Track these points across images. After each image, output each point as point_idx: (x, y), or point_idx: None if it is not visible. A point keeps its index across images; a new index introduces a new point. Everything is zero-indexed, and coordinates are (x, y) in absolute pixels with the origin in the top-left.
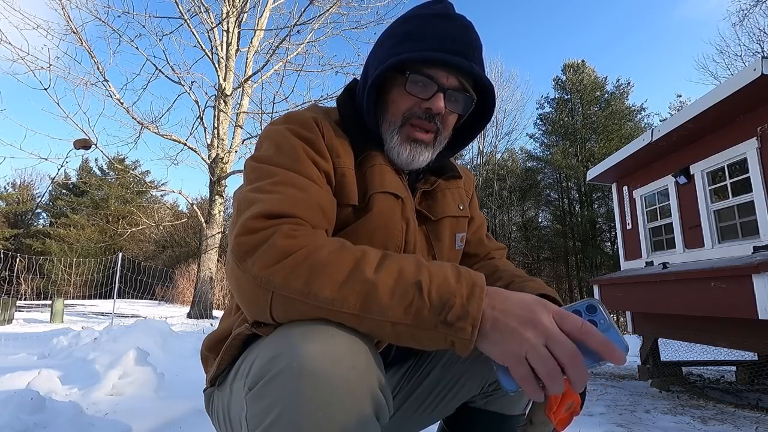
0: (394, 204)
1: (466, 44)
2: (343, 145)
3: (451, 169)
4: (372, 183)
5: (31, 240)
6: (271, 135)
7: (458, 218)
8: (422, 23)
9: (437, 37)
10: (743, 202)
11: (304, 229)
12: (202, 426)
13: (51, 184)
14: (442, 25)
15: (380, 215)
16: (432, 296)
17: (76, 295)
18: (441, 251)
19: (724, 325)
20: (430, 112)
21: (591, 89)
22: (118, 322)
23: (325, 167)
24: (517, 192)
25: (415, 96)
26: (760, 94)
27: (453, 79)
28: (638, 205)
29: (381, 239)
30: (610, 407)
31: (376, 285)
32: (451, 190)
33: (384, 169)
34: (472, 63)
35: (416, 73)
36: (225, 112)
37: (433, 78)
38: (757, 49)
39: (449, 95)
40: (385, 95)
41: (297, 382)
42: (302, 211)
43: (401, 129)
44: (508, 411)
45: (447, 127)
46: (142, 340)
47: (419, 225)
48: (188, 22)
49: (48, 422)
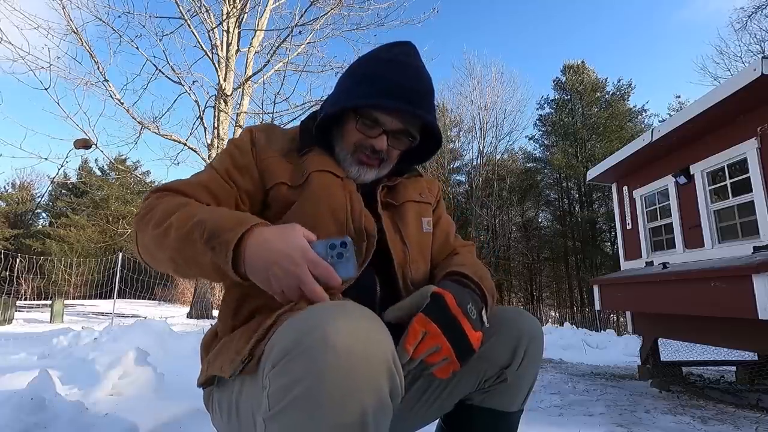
0: (334, 180)
1: (414, 92)
2: (279, 142)
3: (413, 171)
4: (310, 165)
5: (31, 240)
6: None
7: (420, 203)
8: (379, 68)
9: (388, 84)
10: (743, 202)
11: (172, 195)
12: (202, 426)
13: (51, 184)
14: (396, 72)
15: (320, 188)
16: (207, 228)
17: (76, 295)
18: (408, 232)
19: (724, 325)
20: (374, 149)
21: (591, 90)
22: (118, 322)
23: (243, 162)
24: (517, 192)
25: (363, 134)
26: (760, 94)
27: (397, 123)
28: (638, 205)
29: (326, 208)
30: (610, 407)
31: (177, 221)
32: (412, 184)
33: (324, 158)
34: (416, 109)
35: (365, 117)
36: (225, 112)
37: (379, 122)
38: (758, 50)
39: (392, 136)
40: (342, 124)
41: (323, 354)
42: (180, 186)
43: (353, 154)
44: (506, 408)
45: (391, 158)
46: (142, 340)
47: (386, 211)
48: (188, 22)
49: (48, 422)
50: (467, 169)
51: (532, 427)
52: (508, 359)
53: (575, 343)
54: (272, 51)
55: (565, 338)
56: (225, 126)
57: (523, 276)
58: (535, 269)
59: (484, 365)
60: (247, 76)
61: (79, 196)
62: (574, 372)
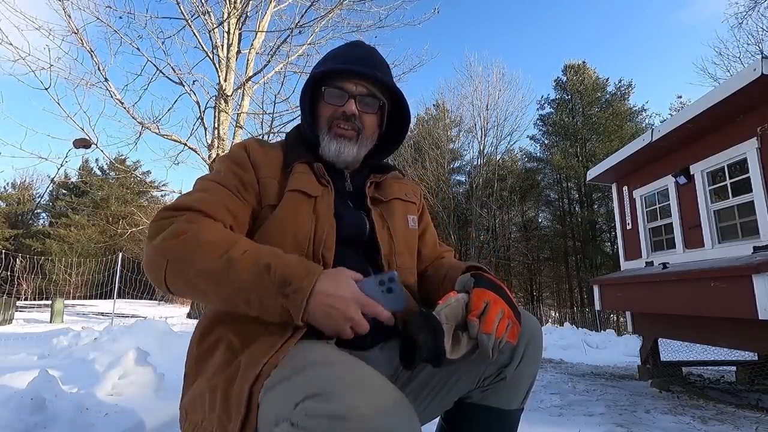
0: (303, 200)
1: (369, 60)
2: (270, 162)
3: (396, 170)
4: (289, 185)
5: (31, 240)
6: (217, 160)
7: (406, 202)
8: (335, 51)
9: (345, 57)
10: (743, 202)
11: (201, 217)
12: None
13: (51, 184)
14: (350, 50)
15: (287, 213)
16: (276, 274)
17: (76, 295)
18: (395, 227)
19: (724, 325)
20: (346, 115)
21: (592, 90)
22: (118, 322)
23: (248, 178)
24: (518, 192)
25: (333, 105)
26: (760, 94)
27: (361, 87)
28: (638, 205)
29: (290, 235)
30: (610, 407)
31: (239, 262)
32: (398, 183)
33: (302, 176)
34: (374, 71)
35: (330, 87)
36: (226, 113)
37: (343, 88)
38: (756, 51)
39: (359, 99)
40: (316, 113)
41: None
42: (204, 206)
43: (329, 131)
44: (506, 406)
45: (367, 127)
46: (142, 340)
47: (374, 206)
48: (189, 22)
49: (48, 422)
50: (467, 169)
51: (532, 427)
52: (507, 358)
53: (575, 343)
54: (272, 52)
55: (565, 338)
56: (225, 126)
57: (523, 276)
58: (535, 269)
59: (482, 363)
60: (248, 77)
61: (79, 196)
62: (574, 372)
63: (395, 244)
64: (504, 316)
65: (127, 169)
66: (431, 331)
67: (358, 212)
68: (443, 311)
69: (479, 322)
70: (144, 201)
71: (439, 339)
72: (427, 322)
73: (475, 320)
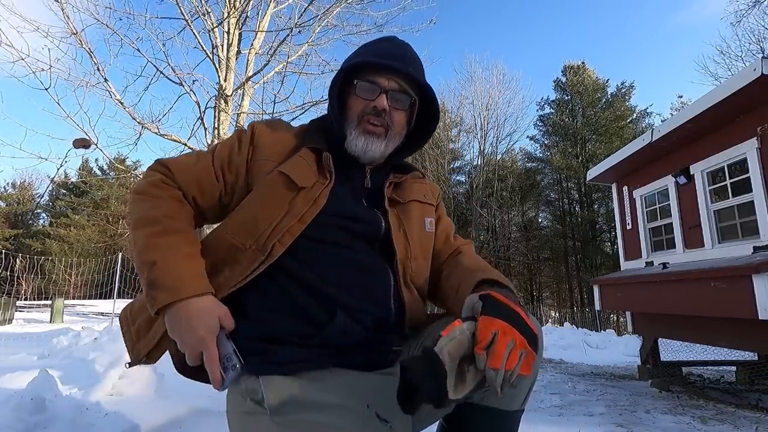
0: (283, 186)
1: (402, 55)
2: (276, 144)
3: (417, 170)
4: (280, 167)
5: (31, 240)
6: (232, 132)
7: (424, 204)
8: (368, 45)
9: (377, 51)
10: (743, 202)
11: (166, 186)
12: (202, 426)
13: (50, 184)
14: (383, 44)
15: (259, 189)
16: (152, 273)
17: (76, 295)
18: (411, 231)
19: (724, 325)
20: (377, 110)
21: (592, 91)
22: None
23: (237, 159)
24: (518, 192)
25: (364, 98)
26: (760, 94)
27: (393, 83)
28: (638, 205)
29: (254, 212)
30: (610, 407)
31: (141, 244)
32: (417, 184)
33: (300, 161)
34: (407, 67)
35: (362, 80)
36: (226, 112)
37: (376, 82)
38: (758, 49)
39: (391, 95)
40: (345, 105)
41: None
42: (179, 174)
43: (358, 126)
44: (506, 407)
45: (396, 123)
46: None
47: (392, 208)
48: (189, 23)
49: (48, 422)
50: (468, 169)
51: (533, 427)
52: None
53: (575, 343)
54: (272, 52)
55: (565, 338)
56: (225, 126)
57: (523, 276)
58: (535, 269)
59: None
60: (248, 77)
61: (79, 196)
62: (574, 372)
63: (411, 248)
64: (516, 346)
65: (127, 169)
66: (433, 375)
67: (373, 210)
68: (446, 348)
69: (486, 355)
70: None
71: (441, 382)
72: (428, 365)
73: (482, 353)
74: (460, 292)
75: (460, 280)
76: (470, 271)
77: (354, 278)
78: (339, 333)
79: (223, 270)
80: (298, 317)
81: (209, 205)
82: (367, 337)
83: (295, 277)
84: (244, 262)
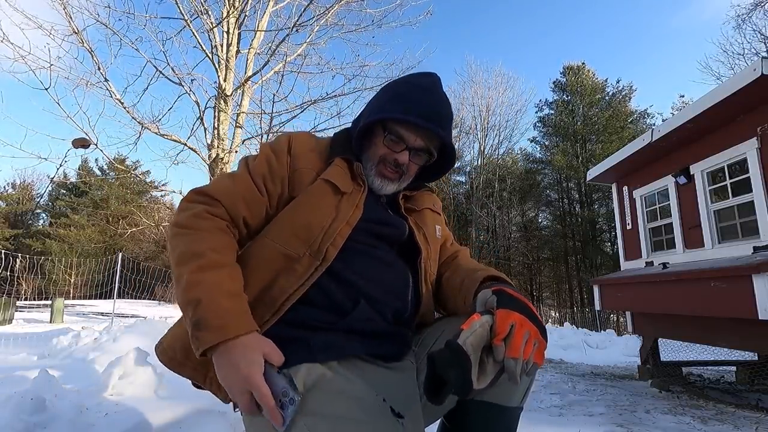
0: (330, 192)
1: (436, 114)
2: (312, 154)
3: (425, 186)
4: (323, 175)
5: (31, 240)
6: (260, 146)
7: (434, 212)
8: (410, 90)
9: (416, 104)
10: (743, 202)
11: (210, 217)
12: (202, 426)
13: (50, 184)
14: (423, 96)
15: (310, 199)
16: (197, 312)
17: (76, 295)
18: (427, 235)
19: (724, 325)
20: (396, 162)
21: (591, 91)
22: (118, 322)
23: (278, 169)
24: (518, 193)
25: (389, 148)
26: (760, 94)
27: (420, 141)
28: (638, 205)
29: (306, 217)
30: (610, 407)
31: (185, 282)
32: (426, 196)
33: (338, 170)
34: (439, 129)
35: (392, 132)
36: (225, 112)
37: (404, 138)
38: (762, 48)
39: (413, 153)
40: (371, 136)
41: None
42: (223, 198)
43: (376, 166)
44: (505, 402)
45: (411, 171)
46: (142, 340)
47: (409, 214)
48: (188, 22)
49: (48, 422)
50: (468, 170)
51: (533, 426)
52: None
53: (575, 343)
54: (271, 52)
55: (565, 338)
56: (225, 126)
57: (523, 276)
58: (535, 269)
59: None
60: (247, 76)
61: (79, 196)
62: (574, 372)
63: (430, 250)
64: (530, 337)
65: (127, 169)
66: (460, 366)
67: (397, 215)
68: (469, 340)
69: (505, 346)
70: (144, 201)
71: (467, 372)
72: (454, 356)
73: (501, 345)
74: (463, 289)
75: (463, 279)
76: (472, 271)
77: (379, 272)
78: (363, 320)
79: (278, 280)
80: (325, 306)
81: (258, 222)
82: (387, 329)
83: (329, 272)
84: (299, 269)
